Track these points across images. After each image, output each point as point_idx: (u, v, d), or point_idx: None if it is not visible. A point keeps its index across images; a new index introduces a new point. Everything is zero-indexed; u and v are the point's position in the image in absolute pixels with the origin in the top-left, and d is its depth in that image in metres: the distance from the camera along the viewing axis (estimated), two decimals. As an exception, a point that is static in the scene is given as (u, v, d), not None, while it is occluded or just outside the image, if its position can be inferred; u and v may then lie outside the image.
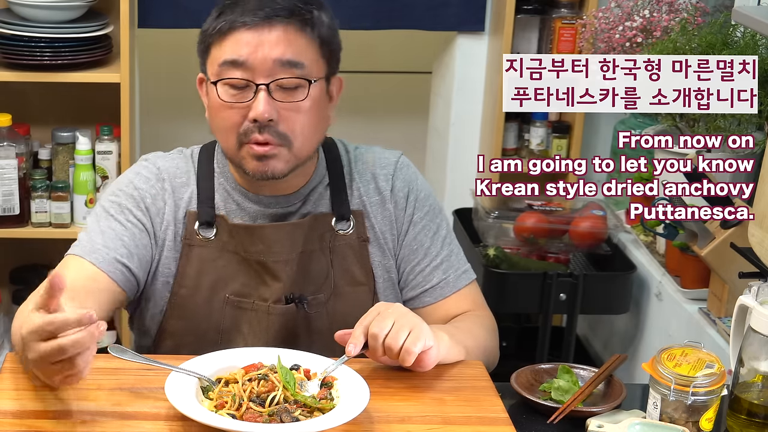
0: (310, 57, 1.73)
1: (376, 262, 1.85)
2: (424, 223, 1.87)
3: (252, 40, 1.70)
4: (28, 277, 3.30)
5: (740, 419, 1.63)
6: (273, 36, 1.70)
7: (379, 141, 1.98)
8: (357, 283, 1.84)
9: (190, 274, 1.80)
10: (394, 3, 3.36)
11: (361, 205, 1.85)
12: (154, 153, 1.88)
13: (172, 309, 1.81)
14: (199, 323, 1.81)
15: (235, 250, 1.80)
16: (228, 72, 1.71)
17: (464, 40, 3.47)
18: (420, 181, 1.90)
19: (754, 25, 2.01)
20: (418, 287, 1.87)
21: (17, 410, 1.51)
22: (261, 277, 1.80)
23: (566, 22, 3.27)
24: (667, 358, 1.61)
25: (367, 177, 1.87)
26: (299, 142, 1.73)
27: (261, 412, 1.50)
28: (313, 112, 1.74)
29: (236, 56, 1.70)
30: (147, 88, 3.65)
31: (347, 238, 1.83)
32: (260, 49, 1.70)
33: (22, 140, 3.05)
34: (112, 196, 1.81)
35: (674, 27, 2.51)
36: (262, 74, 1.70)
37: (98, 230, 1.78)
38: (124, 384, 1.59)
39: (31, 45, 2.93)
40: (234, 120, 1.72)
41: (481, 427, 1.56)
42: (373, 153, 1.90)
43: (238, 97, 1.72)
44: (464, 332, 1.79)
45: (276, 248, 1.78)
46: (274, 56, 1.69)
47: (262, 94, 1.70)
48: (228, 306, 1.80)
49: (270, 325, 1.79)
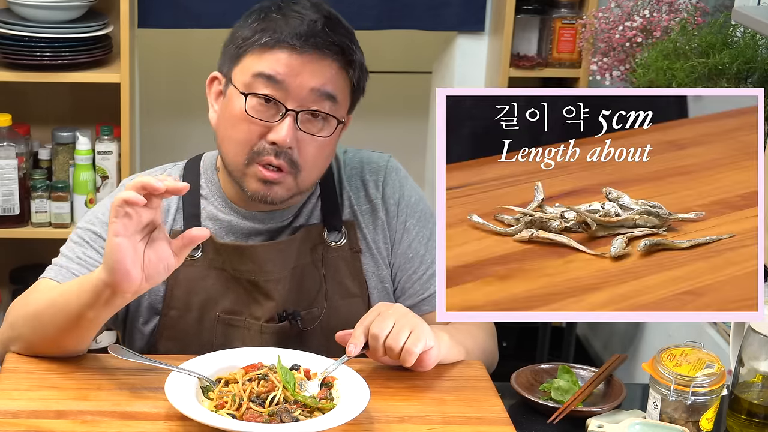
0: (343, 95, 1.70)
1: (370, 273, 1.83)
2: (417, 230, 1.84)
3: (294, 64, 1.65)
4: (28, 277, 3.29)
5: (740, 419, 1.63)
6: (317, 66, 1.66)
7: (379, 141, 1.98)
8: (350, 295, 1.81)
9: (179, 295, 1.76)
10: (394, 3, 3.37)
11: (352, 215, 1.82)
12: (136, 176, 1.81)
13: (163, 330, 1.78)
14: (190, 343, 1.77)
15: (222, 267, 1.76)
16: (260, 86, 1.66)
17: (464, 40, 3.47)
18: (409, 185, 1.87)
19: (754, 25, 2.01)
20: (416, 296, 1.85)
21: (17, 410, 1.51)
22: (252, 295, 1.77)
23: (566, 22, 3.27)
24: (667, 358, 1.61)
25: (356, 184, 1.84)
26: (306, 172, 1.70)
27: (261, 412, 1.50)
28: (328, 148, 1.72)
29: (274, 73, 1.65)
30: (147, 88, 3.65)
31: (339, 250, 1.80)
32: (301, 75, 1.65)
33: (22, 140, 3.06)
34: (89, 224, 1.76)
35: (674, 27, 2.51)
36: (295, 100, 1.66)
37: (74, 257, 1.73)
38: (124, 384, 1.59)
39: (31, 45, 2.93)
40: (250, 136, 1.67)
41: (481, 427, 1.56)
42: (361, 156, 1.86)
43: (263, 114, 1.67)
44: (464, 333, 1.79)
45: (267, 267, 1.75)
46: (313, 85, 1.65)
47: (289, 120, 1.66)
48: (219, 324, 1.77)
49: (263, 343, 1.75)
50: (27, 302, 1.67)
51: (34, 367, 1.63)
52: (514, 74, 3.28)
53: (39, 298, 1.65)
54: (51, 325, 1.61)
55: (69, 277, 1.71)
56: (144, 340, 1.80)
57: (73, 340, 1.62)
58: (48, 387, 1.58)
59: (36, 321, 1.62)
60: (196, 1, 3.28)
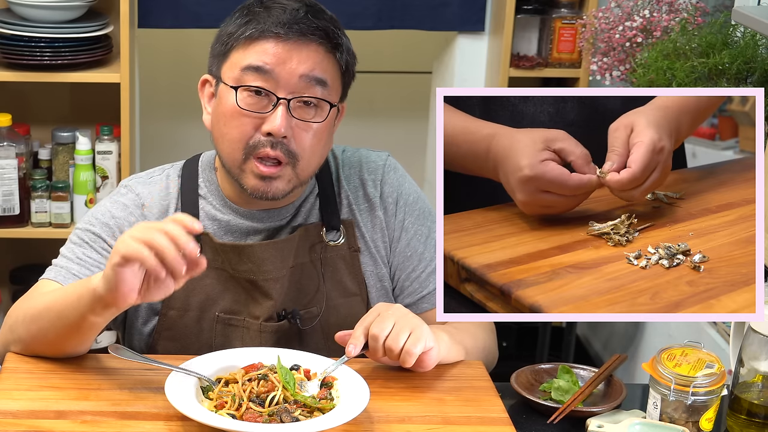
0: (333, 80, 1.70)
1: (368, 272, 1.83)
2: (416, 228, 1.85)
3: (281, 52, 1.66)
4: (28, 277, 3.30)
5: (740, 419, 1.63)
6: (303, 52, 1.66)
7: (379, 141, 1.98)
8: (349, 294, 1.82)
9: (178, 295, 1.73)
10: (394, 3, 3.37)
11: (350, 214, 1.82)
12: (134, 177, 1.83)
13: (162, 330, 1.78)
14: (190, 343, 1.78)
15: (221, 266, 1.76)
16: (249, 78, 1.66)
17: (464, 40, 3.47)
18: (408, 183, 1.87)
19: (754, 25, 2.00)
20: (415, 294, 1.85)
21: (17, 410, 1.51)
22: (251, 294, 1.77)
23: (566, 22, 3.27)
24: (667, 358, 1.61)
25: (355, 183, 1.84)
26: (305, 161, 1.70)
27: (261, 412, 1.50)
28: (324, 135, 1.72)
29: (261, 63, 1.66)
30: (147, 88, 3.65)
31: (338, 249, 1.80)
32: (288, 62, 1.66)
33: (22, 140, 3.06)
34: (89, 225, 1.76)
35: (674, 27, 2.51)
36: (285, 88, 1.66)
37: (74, 257, 1.74)
38: (124, 384, 1.59)
39: (31, 45, 2.93)
40: (245, 129, 1.68)
41: (481, 427, 1.56)
42: (360, 156, 1.87)
43: (255, 106, 1.67)
44: (464, 332, 1.79)
45: (266, 266, 1.75)
46: (302, 71, 1.66)
47: (282, 109, 1.66)
48: (219, 324, 1.77)
49: (263, 342, 1.76)
50: (26, 305, 1.67)
51: (34, 367, 1.63)
52: (514, 74, 3.28)
53: (38, 301, 1.65)
54: (50, 329, 1.61)
55: (69, 277, 1.71)
56: (143, 341, 1.80)
57: (72, 342, 1.63)
58: (48, 387, 1.58)
59: (34, 325, 1.63)
60: (196, 1, 3.28)
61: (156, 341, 1.79)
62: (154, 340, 1.79)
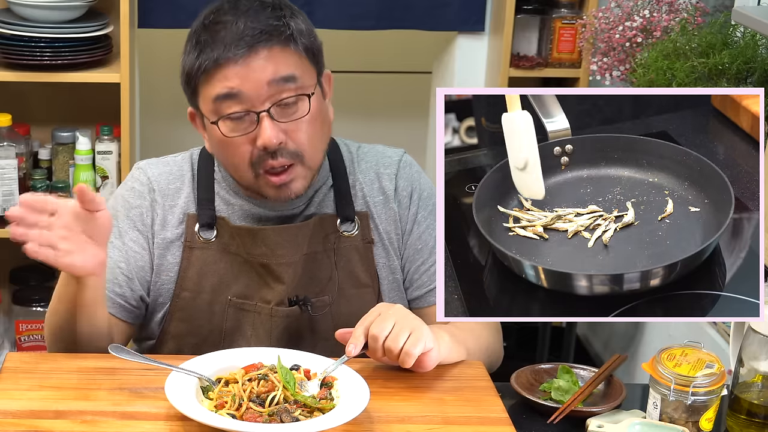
0: (301, 69, 1.71)
1: (381, 264, 1.85)
2: (428, 222, 1.86)
3: (240, 70, 1.67)
4: (28, 277, 3.30)
5: (740, 419, 1.63)
6: (260, 61, 1.67)
7: (379, 141, 1.98)
8: (361, 285, 1.83)
9: (192, 276, 1.79)
10: (394, 3, 3.36)
11: (365, 206, 1.85)
12: (147, 160, 1.87)
13: (174, 311, 1.81)
14: (201, 325, 1.80)
15: (237, 251, 1.79)
16: (225, 106, 1.68)
17: (464, 40, 3.47)
18: (423, 179, 1.90)
19: (754, 25, 2.01)
20: (424, 287, 1.86)
21: (17, 410, 1.51)
22: (264, 279, 1.79)
23: (566, 22, 3.27)
24: (667, 358, 1.61)
25: (370, 176, 1.86)
26: (310, 153, 1.72)
27: (261, 412, 1.50)
28: (317, 120, 1.73)
29: (228, 90, 1.67)
30: (147, 88, 3.65)
31: (352, 240, 1.82)
32: (251, 76, 1.66)
33: (22, 140, 3.06)
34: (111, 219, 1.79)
35: (674, 27, 2.51)
36: (258, 101, 1.67)
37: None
38: (124, 384, 1.59)
39: (31, 45, 2.93)
40: (242, 152, 1.70)
41: (481, 427, 1.56)
42: (376, 151, 1.89)
43: (240, 129, 1.69)
44: (466, 332, 1.79)
45: (279, 251, 1.78)
46: (267, 78, 1.67)
47: (266, 121, 1.67)
48: (230, 308, 1.80)
49: (273, 328, 1.78)
50: (46, 320, 1.76)
51: (34, 367, 1.63)
52: (514, 74, 3.28)
53: (48, 312, 1.74)
54: (63, 326, 1.69)
55: (113, 267, 1.77)
56: (156, 323, 1.83)
57: (84, 330, 1.69)
58: (48, 387, 1.58)
59: (49, 332, 1.74)
60: (196, 2, 3.27)
61: (168, 323, 1.82)
62: (167, 322, 1.82)
